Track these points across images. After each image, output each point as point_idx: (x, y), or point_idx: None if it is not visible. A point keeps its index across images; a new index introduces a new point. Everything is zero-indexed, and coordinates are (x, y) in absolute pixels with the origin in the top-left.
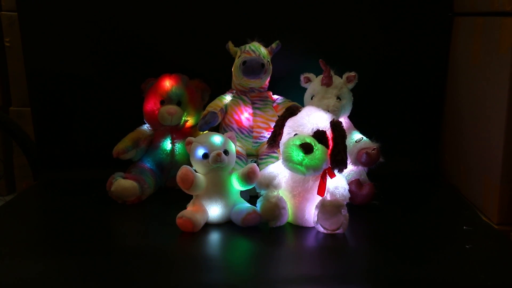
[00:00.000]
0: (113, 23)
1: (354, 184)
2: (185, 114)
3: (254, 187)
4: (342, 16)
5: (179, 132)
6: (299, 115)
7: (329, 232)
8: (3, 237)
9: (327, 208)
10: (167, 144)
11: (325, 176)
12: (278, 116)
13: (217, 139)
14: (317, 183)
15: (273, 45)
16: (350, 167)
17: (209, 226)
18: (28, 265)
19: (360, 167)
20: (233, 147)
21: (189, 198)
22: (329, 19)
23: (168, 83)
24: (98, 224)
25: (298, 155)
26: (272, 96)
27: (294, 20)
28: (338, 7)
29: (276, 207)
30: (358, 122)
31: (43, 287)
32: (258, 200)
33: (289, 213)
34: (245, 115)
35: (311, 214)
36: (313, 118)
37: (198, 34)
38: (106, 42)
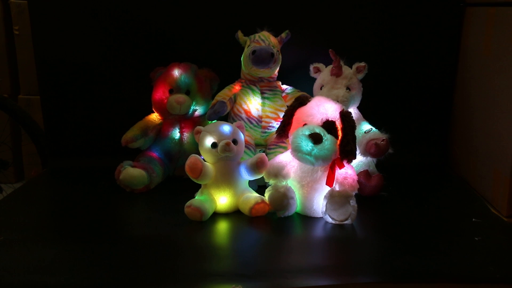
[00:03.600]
0: (122, 12)
1: (363, 175)
2: (193, 103)
3: (262, 177)
4: (352, 6)
5: (187, 121)
6: (309, 105)
7: (337, 222)
8: (12, 224)
9: (336, 199)
10: (176, 133)
11: (334, 167)
12: (287, 106)
13: (226, 128)
14: (326, 173)
15: (283, 35)
16: (359, 158)
17: (217, 215)
18: (36, 252)
19: (369, 158)
20: (242, 137)
21: (197, 187)
22: (339, 9)
23: (177, 72)
24: (106, 212)
25: (307, 145)
26: (281, 86)
27: (304, 9)
28: None
29: (284, 197)
30: (367, 113)
31: (51, 273)
32: (266, 190)
33: (297, 203)
34: (254, 105)
35: (319, 204)
36: (322, 108)
37: (207, 23)
38: (116, 31)
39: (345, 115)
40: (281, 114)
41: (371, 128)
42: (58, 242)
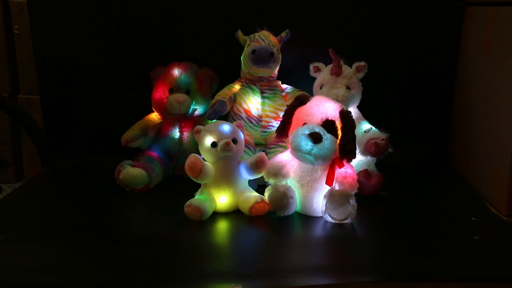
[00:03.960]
0: (122, 12)
1: (363, 174)
2: (193, 102)
3: (262, 176)
4: (352, 5)
5: (187, 121)
6: (308, 104)
7: (337, 222)
8: (12, 223)
9: (335, 198)
10: (176, 133)
11: (334, 166)
12: (287, 105)
13: (225, 127)
14: (326, 172)
15: (283, 34)
16: (359, 157)
17: (217, 214)
18: (36, 252)
19: (368, 157)
20: (241, 136)
21: (197, 186)
22: (339, 9)
23: (177, 72)
24: (106, 212)
25: (307, 144)
26: (281, 85)
27: (304, 9)
28: None
29: (284, 197)
30: (367, 112)
31: (51, 273)
32: (266, 189)
33: (297, 203)
34: (254, 104)
35: (319, 203)
36: (322, 108)
37: (207, 23)
38: (115, 30)
39: (344, 115)
40: (281, 114)
41: (371, 128)
42: (58, 242)
